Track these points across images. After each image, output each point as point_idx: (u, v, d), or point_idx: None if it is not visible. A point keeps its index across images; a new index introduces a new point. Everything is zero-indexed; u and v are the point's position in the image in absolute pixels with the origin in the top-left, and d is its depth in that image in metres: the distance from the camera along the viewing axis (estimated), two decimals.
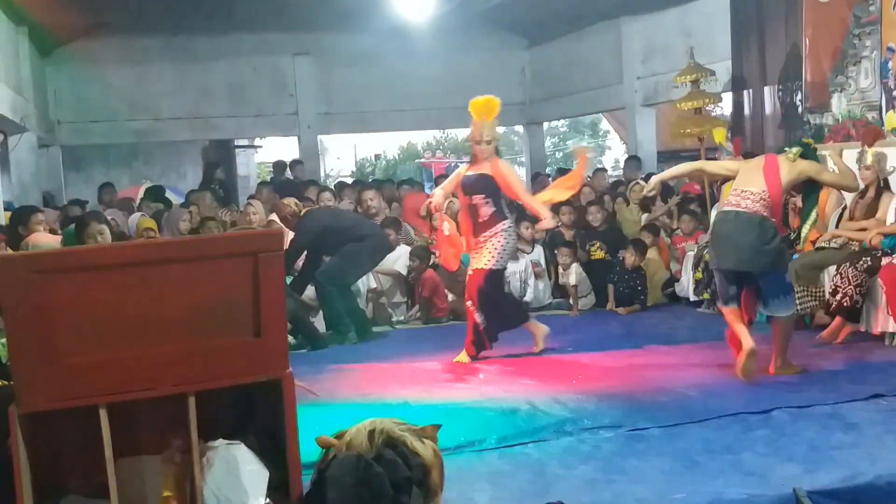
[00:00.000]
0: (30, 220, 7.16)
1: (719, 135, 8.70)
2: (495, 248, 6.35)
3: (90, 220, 7.05)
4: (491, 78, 13.97)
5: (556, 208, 9.67)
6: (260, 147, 21.16)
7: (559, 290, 8.96)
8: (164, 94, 13.09)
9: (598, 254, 8.92)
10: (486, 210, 6.38)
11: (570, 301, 8.59)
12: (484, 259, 6.37)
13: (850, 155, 7.31)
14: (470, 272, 6.49)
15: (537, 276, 8.83)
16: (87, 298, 2.90)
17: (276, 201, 9.00)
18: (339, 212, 8.81)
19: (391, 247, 8.31)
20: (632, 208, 9.52)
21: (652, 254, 8.73)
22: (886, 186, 6.84)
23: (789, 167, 5.55)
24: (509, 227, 6.45)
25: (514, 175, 6.56)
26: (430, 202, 6.79)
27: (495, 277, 6.41)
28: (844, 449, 4.09)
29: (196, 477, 3.12)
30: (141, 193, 11.31)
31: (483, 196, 6.37)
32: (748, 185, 5.51)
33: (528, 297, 8.59)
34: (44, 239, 6.61)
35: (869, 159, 6.76)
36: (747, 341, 5.38)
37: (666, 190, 9.11)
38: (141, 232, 7.83)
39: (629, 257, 8.42)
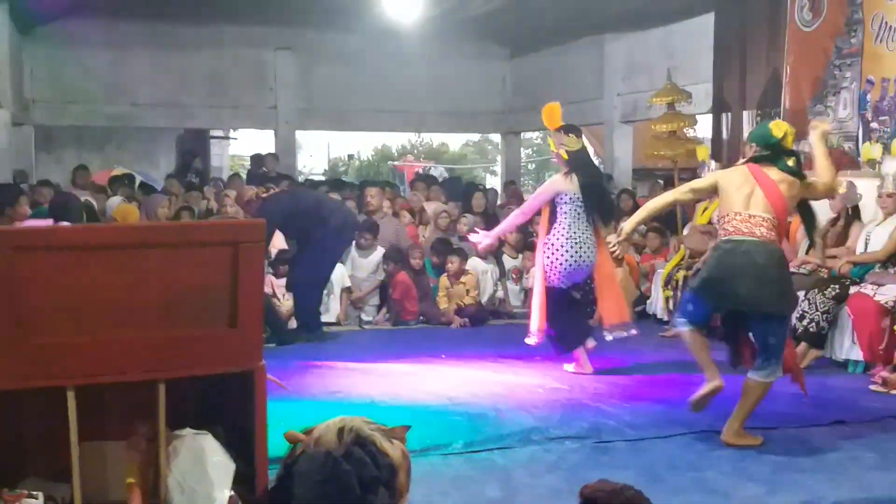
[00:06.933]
0: (18, 201, 7.14)
1: (703, 152, 8.72)
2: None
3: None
4: (471, 85, 14.07)
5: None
6: (234, 139, 20.99)
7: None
8: (143, 79, 12.91)
9: None
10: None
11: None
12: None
13: None
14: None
15: (515, 282, 9.07)
16: (63, 278, 2.85)
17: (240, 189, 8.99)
18: (300, 195, 8.68)
19: (357, 222, 8.35)
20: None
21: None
22: (857, 216, 6.94)
23: (788, 184, 4.63)
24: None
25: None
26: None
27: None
28: (807, 472, 4.14)
29: (161, 465, 3.08)
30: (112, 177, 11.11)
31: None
32: (756, 209, 4.55)
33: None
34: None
35: None
36: (713, 375, 4.65)
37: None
38: (119, 217, 7.80)
39: None
